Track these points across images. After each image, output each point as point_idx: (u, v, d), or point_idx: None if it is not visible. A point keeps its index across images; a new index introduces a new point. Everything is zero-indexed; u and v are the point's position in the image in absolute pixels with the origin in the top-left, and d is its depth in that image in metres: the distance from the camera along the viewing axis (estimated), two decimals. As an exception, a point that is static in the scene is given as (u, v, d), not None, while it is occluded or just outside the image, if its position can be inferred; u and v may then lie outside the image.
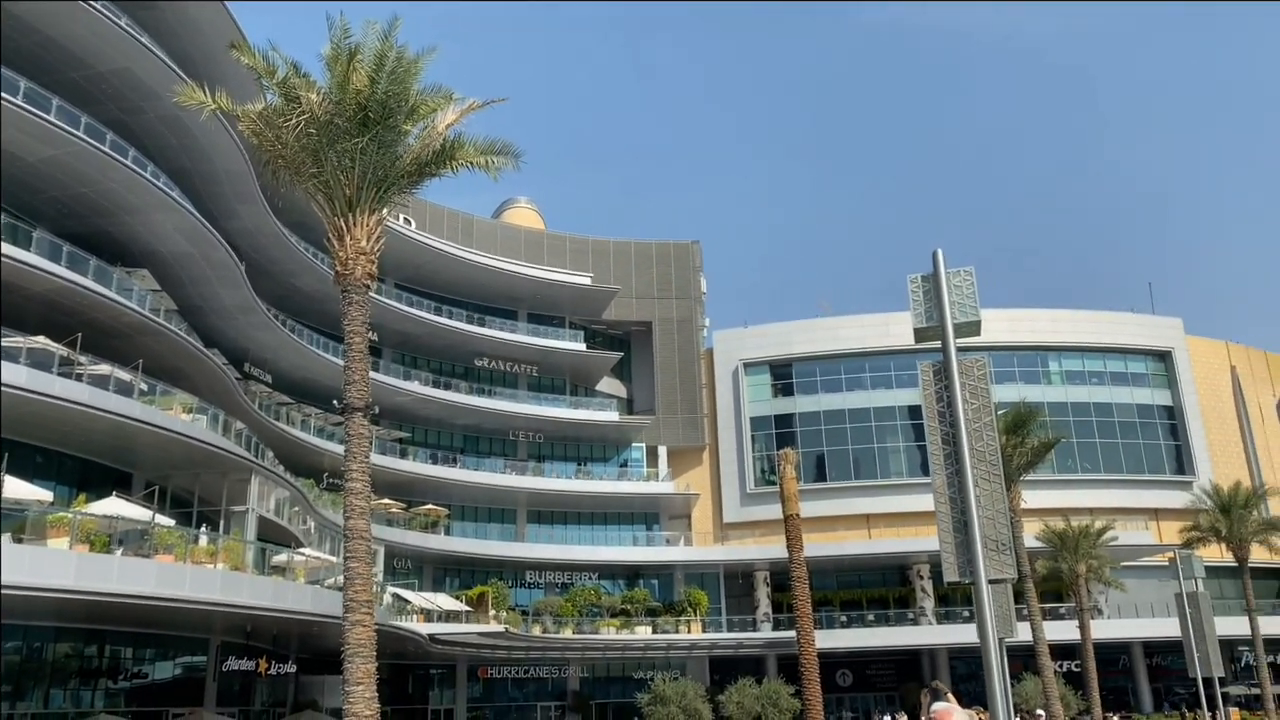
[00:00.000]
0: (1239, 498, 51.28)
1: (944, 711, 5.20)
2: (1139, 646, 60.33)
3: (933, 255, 10.59)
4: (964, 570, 9.60)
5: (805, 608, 30.42)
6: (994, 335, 65.45)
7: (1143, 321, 72.69)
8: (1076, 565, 44.80)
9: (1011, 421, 39.08)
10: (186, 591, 24.38)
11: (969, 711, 11.77)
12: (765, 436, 68.52)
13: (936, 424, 10.23)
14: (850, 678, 61.89)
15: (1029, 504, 45.26)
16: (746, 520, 66.28)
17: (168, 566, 24.03)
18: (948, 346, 10.26)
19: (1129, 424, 69.23)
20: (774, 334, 71.12)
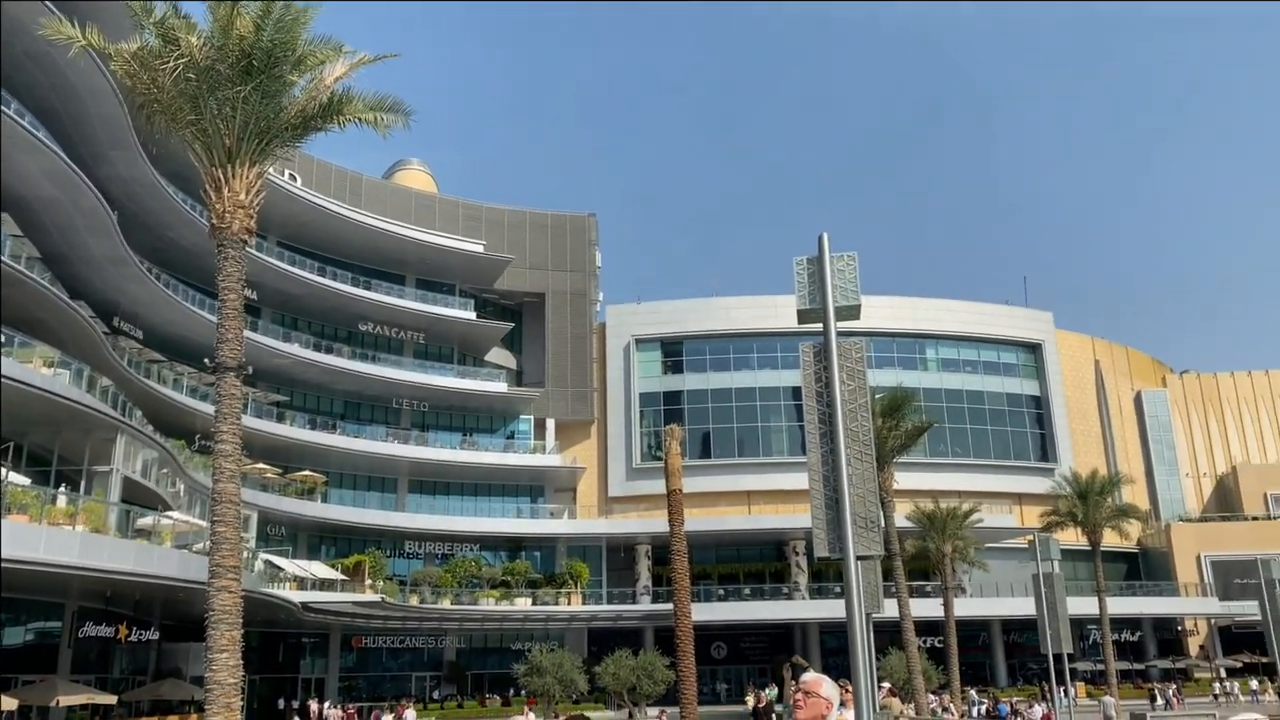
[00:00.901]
0: (1096, 485, 54.08)
1: (815, 681, 5.29)
2: (998, 624, 63.33)
3: (818, 239, 10.75)
4: (834, 546, 9.83)
5: (684, 581, 30.85)
6: (876, 321, 67.36)
7: (1016, 314, 75.85)
8: (943, 545, 46.61)
9: (888, 405, 40.25)
10: (41, 554, 23.19)
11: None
12: (654, 412, 69.07)
13: (814, 404, 10.40)
14: (725, 650, 63.24)
15: (901, 485, 46.80)
16: (631, 495, 66.84)
17: (21, 527, 22.80)
18: (828, 329, 10.45)
19: (999, 412, 72.33)
20: (666, 311, 71.59)
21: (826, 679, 5.30)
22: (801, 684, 5.28)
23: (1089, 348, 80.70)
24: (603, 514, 66.96)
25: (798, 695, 5.24)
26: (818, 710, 5.17)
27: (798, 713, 5.22)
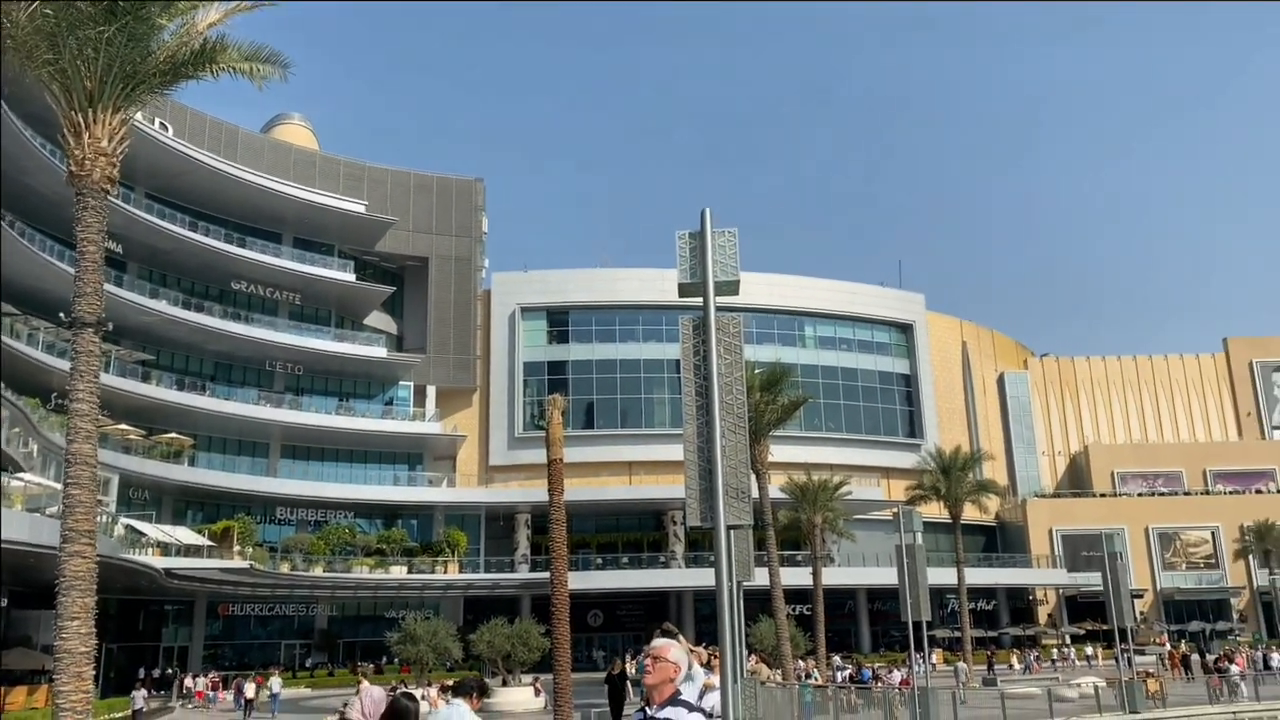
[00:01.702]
0: (958, 461, 56.61)
1: (663, 646, 5.38)
2: (863, 593, 65.80)
3: (700, 214, 10.88)
4: (706, 516, 10.05)
5: (561, 550, 30.96)
6: (758, 298, 68.55)
7: (889, 295, 78.35)
8: (814, 516, 48.06)
9: (766, 380, 41.10)
10: (-127, 516, 21.70)
11: (700, 648, 12.41)
12: (538, 382, 68.82)
13: (692, 377, 10.58)
14: (601, 618, 63.91)
15: (776, 458, 48.00)
16: (513, 464, 66.59)
17: None
18: (708, 303, 10.62)
19: (871, 389, 74.77)
20: (554, 280, 71.25)
21: (674, 644, 5.40)
22: (650, 649, 5.33)
23: (957, 329, 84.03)
24: (483, 483, 66.56)
25: (646, 661, 5.32)
26: (665, 674, 5.25)
27: (646, 678, 5.29)
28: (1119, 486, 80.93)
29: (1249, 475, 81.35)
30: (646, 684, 5.30)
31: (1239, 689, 36.89)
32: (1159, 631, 68.73)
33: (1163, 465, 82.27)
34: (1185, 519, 76.36)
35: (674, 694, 5.24)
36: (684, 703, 5.18)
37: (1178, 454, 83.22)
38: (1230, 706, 34.93)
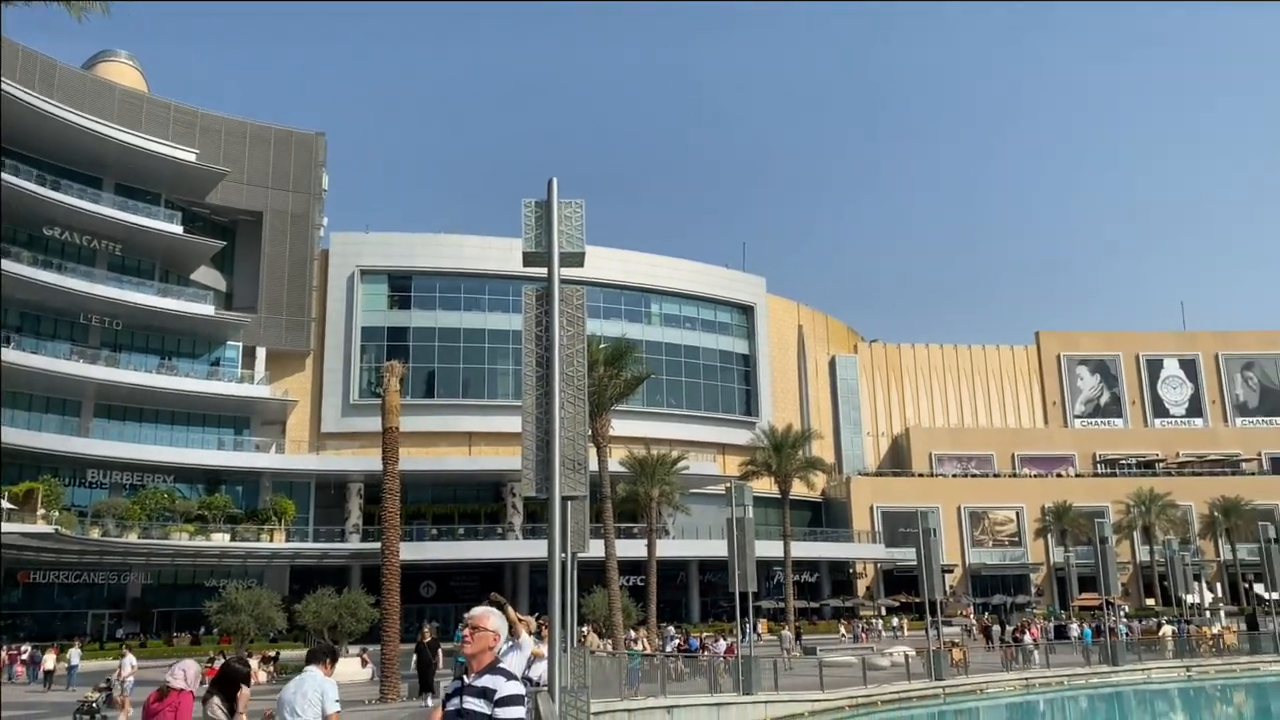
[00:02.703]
0: (789, 439, 58.76)
1: (481, 615, 5.35)
2: (695, 564, 67.48)
3: (548, 183, 10.81)
4: (541, 487, 10.07)
5: (394, 520, 30.42)
6: (605, 273, 68.89)
7: (733, 277, 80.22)
8: (651, 490, 48.93)
9: (610, 354, 41.43)
10: None
11: (529, 618, 12.45)
12: (376, 348, 67.02)
13: (533, 347, 10.56)
14: (434, 589, 63.18)
15: (617, 432, 48.56)
16: (347, 431, 64.73)
17: None
18: (552, 273, 10.59)
19: (711, 367, 76.51)
20: (397, 244, 69.36)
21: (494, 612, 5.39)
22: (468, 619, 5.31)
23: (794, 313, 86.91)
24: (314, 450, 64.42)
25: (465, 631, 5.29)
26: (484, 643, 5.24)
27: (465, 647, 5.27)
28: (936, 467, 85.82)
29: (1052, 460, 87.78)
30: (466, 653, 5.27)
31: (1032, 657, 39.93)
32: (966, 604, 73.49)
33: (976, 448, 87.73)
34: (994, 499, 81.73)
35: (493, 662, 5.23)
36: (503, 671, 5.16)
37: (990, 438, 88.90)
38: (1024, 673, 37.80)
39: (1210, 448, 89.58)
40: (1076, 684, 37.94)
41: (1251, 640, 47.09)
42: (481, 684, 5.06)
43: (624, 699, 24.51)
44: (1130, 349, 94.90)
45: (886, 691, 32.10)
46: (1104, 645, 41.18)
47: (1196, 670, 42.27)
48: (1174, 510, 75.74)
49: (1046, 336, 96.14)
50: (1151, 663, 41.83)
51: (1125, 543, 75.67)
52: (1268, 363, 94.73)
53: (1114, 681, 38.70)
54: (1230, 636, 47.47)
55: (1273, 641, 45.67)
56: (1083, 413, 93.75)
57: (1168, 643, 45.11)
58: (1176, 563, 51.52)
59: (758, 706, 27.90)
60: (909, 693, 32.57)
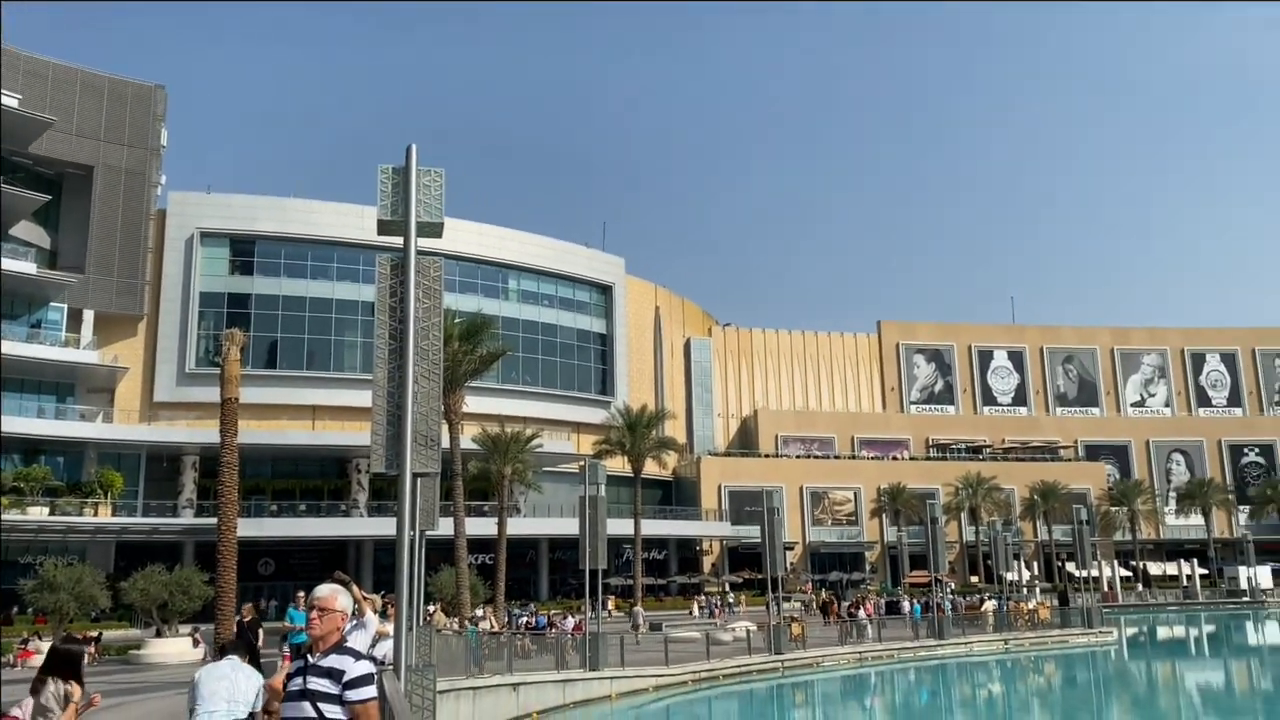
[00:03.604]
0: (643, 419, 59.42)
1: (329, 597, 5.16)
2: (545, 542, 67.49)
3: (407, 149, 10.48)
4: (392, 462, 9.81)
5: (231, 495, 29.19)
6: (464, 247, 67.71)
7: (593, 256, 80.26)
8: (504, 468, 48.60)
9: (466, 329, 40.88)
10: None
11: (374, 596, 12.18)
12: (216, 314, 63.87)
13: (387, 319, 10.25)
14: (273, 566, 61.04)
15: (471, 408, 47.99)
16: (182, 401, 61.55)
17: None
18: (409, 243, 10.29)
19: (569, 345, 76.46)
20: (240, 206, 66.13)
21: (341, 591, 5.22)
22: (315, 600, 5.13)
23: (652, 294, 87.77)
24: (146, 420, 60.99)
25: (312, 613, 5.11)
26: (334, 624, 5.10)
27: (312, 629, 5.10)
28: (781, 448, 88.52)
29: (888, 443, 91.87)
30: (314, 635, 5.09)
31: (866, 632, 41.84)
32: (805, 580, 76.26)
33: (819, 431, 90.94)
34: (834, 480, 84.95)
35: (339, 641, 5.10)
36: (350, 651, 5.05)
37: (832, 421, 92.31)
38: (858, 647, 39.58)
39: (1032, 434, 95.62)
40: (906, 657, 40.00)
41: (1063, 615, 50.74)
42: (327, 664, 4.94)
43: (470, 677, 24.33)
44: (964, 340, 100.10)
45: (728, 665, 33.03)
46: (932, 620, 43.52)
47: (1014, 643, 45.25)
48: (998, 493, 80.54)
49: (887, 326, 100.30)
50: (974, 636, 44.53)
51: (953, 523, 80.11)
52: (1086, 356, 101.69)
53: (940, 654, 40.97)
54: (1044, 612, 50.98)
55: (1081, 616, 49.31)
56: (918, 399, 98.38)
57: (989, 618, 48.08)
58: (999, 542, 54.80)
59: (604, 683, 28.20)
60: (750, 666, 33.61)
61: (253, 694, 6.98)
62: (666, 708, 28.80)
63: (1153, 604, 74.92)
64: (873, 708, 32.79)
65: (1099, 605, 53.77)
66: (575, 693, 27.34)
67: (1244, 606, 72.75)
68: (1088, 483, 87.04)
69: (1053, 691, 37.06)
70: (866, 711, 32.19)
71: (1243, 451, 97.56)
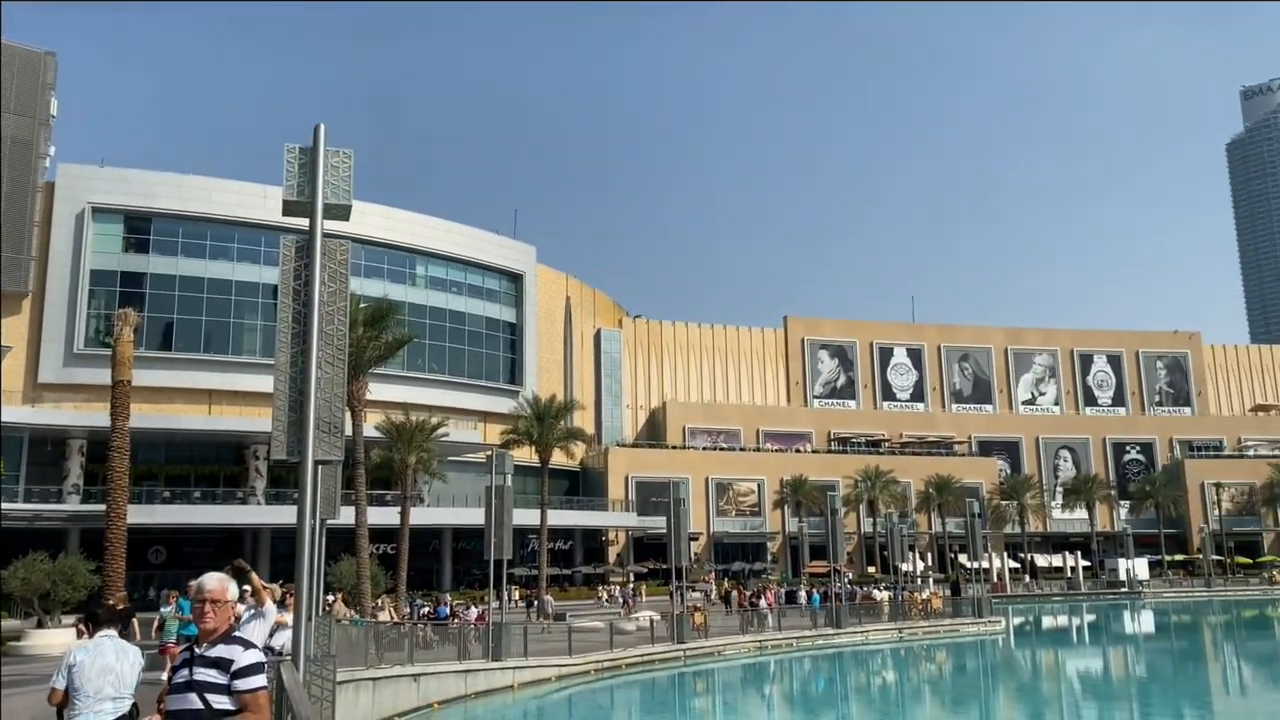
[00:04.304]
0: (552, 409, 59.20)
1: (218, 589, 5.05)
2: (449, 532, 66.84)
3: (314, 129, 10.26)
4: (293, 449, 9.61)
5: (121, 480, 28.15)
6: (370, 230, 66.44)
7: (504, 244, 79.61)
8: (408, 456, 47.86)
9: (371, 314, 40.15)
10: None
11: (273, 586, 11.93)
12: (107, 293, 61.39)
13: (290, 302, 10.02)
14: (164, 554, 59.09)
15: (375, 395, 47.16)
16: (69, 383, 59.00)
17: None
18: (315, 225, 10.07)
19: (477, 334, 75.73)
20: (136, 181, 63.58)
21: (231, 581, 5.13)
22: (204, 593, 4.99)
23: (563, 284, 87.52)
24: (29, 402, 58.26)
25: (206, 607, 4.97)
26: (226, 617, 5.01)
27: (205, 622, 4.97)
28: (688, 440, 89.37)
29: (792, 436, 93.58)
30: (205, 629, 4.97)
31: (766, 621, 42.58)
32: (708, 570, 77.18)
33: (726, 423, 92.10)
34: (739, 472, 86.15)
35: (228, 631, 5.03)
36: (239, 640, 4.98)
37: (738, 414, 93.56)
38: (759, 636, 40.27)
39: (929, 430, 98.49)
40: (804, 645, 40.86)
41: (954, 605, 52.46)
42: (215, 654, 4.86)
43: (370, 668, 23.98)
44: (866, 337, 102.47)
45: (631, 655, 33.25)
46: (830, 609, 44.53)
47: (907, 632, 46.62)
48: (895, 486, 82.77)
49: (794, 321, 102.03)
50: (870, 625, 45.72)
51: (852, 515, 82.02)
52: (981, 355, 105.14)
53: (837, 643, 41.97)
54: (937, 601, 52.63)
55: (972, 606, 51.05)
56: (821, 393, 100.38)
57: (883, 607, 49.43)
58: (895, 534, 56.29)
59: (506, 673, 28.12)
60: (652, 655, 33.91)
61: (136, 679, 6.70)
62: (569, 697, 28.86)
63: (1039, 594, 78.02)
64: (771, 695, 33.42)
65: (989, 596, 55.73)
66: (477, 683, 27.20)
67: (1122, 597, 76.31)
68: (980, 477, 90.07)
69: (943, 679, 38.33)
70: (765, 699, 32.80)
71: (1125, 449, 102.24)
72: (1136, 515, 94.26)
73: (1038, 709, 30.64)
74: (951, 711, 30.06)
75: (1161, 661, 44.07)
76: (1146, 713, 29.29)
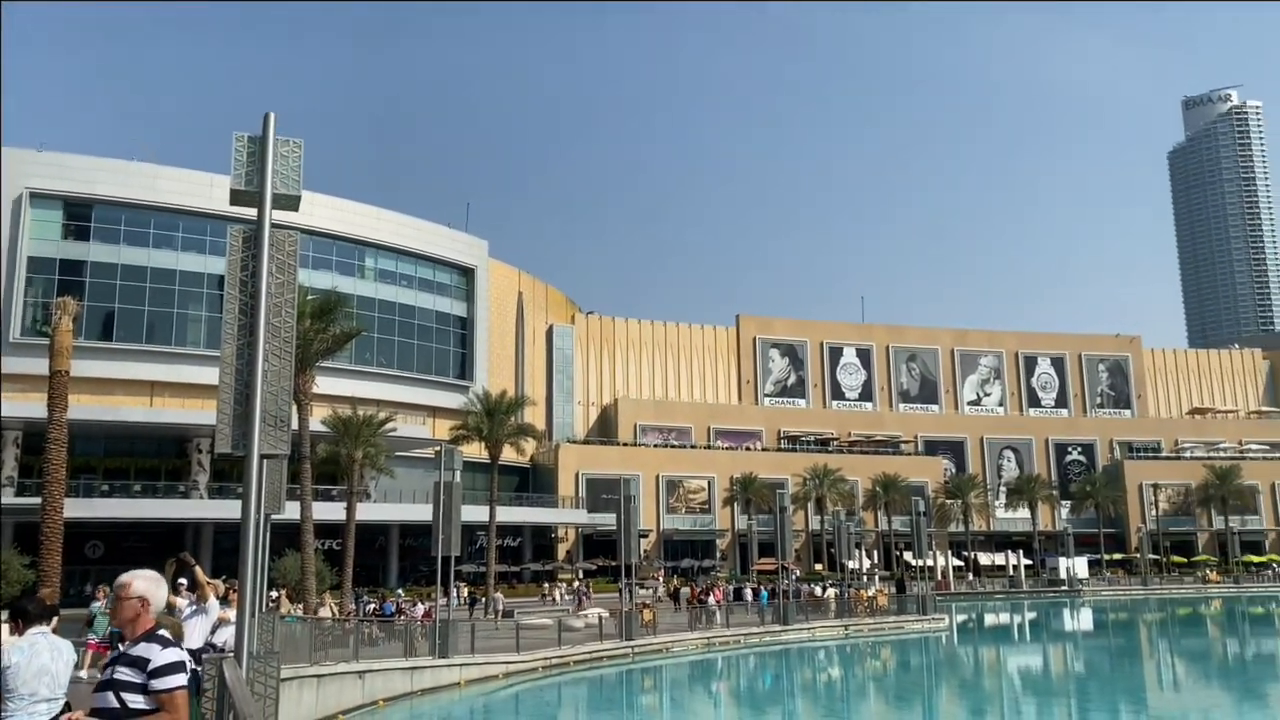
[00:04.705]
0: (503, 405, 58.88)
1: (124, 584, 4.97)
2: (396, 528, 66.16)
3: (264, 118, 10.07)
4: (239, 443, 9.43)
5: (59, 473, 27.48)
6: (319, 221, 65.54)
7: (455, 237, 78.97)
8: (355, 451, 47.33)
9: (319, 307, 39.64)
10: None
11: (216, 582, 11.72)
12: (45, 281, 59.87)
13: (237, 293, 9.85)
14: (102, 549, 57.72)
15: (322, 389, 46.54)
16: (4, 372, 57.08)
17: None
18: (263, 215, 9.90)
19: (427, 328, 75.06)
20: (77, 167, 62.03)
21: (143, 575, 5.06)
22: (115, 585, 5.00)
23: (515, 279, 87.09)
24: (-38, 391, 56.62)
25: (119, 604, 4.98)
26: (131, 611, 4.98)
27: (115, 616, 5.00)
28: (640, 437, 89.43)
29: (742, 434, 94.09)
30: (116, 623, 4.97)
31: (715, 618, 42.79)
32: (658, 567, 77.36)
33: (677, 420, 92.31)
34: (689, 469, 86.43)
35: (151, 629, 5.00)
36: (159, 638, 4.95)
37: (689, 411, 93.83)
38: (707, 632, 40.47)
39: (876, 429, 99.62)
40: (752, 642, 41.15)
41: (899, 602, 53.14)
42: (135, 652, 4.87)
43: (314, 664, 23.68)
44: (816, 337, 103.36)
45: (579, 652, 33.24)
46: (778, 606, 44.89)
47: (853, 628, 47.17)
48: (843, 484, 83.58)
49: (746, 320, 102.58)
50: (816, 622, 46.19)
51: (801, 512, 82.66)
52: (928, 356, 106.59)
53: (784, 640, 42.33)
54: (882, 599, 53.28)
55: (916, 603, 51.78)
56: (772, 392, 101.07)
57: (830, 604, 49.95)
58: (842, 531, 56.88)
59: (453, 670, 27.94)
60: (601, 652, 33.91)
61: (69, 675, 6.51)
62: (516, 694, 28.76)
63: (982, 592, 79.35)
64: (718, 692, 33.59)
65: (933, 593, 56.58)
66: (424, 680, 26.98)
67: (1062, 595, 77.91)
68: (926, 476, 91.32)
69: (888, 675, 38.82)
70: (712, 696, 32.96)
71: (1067, 450, 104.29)
72: (1077, 515, 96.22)
73: (979, 705, 31.16)
74: (895, 707, 30.46)
75: (1098, 658, 45.07)
76: (1084, 707, 29.93)
